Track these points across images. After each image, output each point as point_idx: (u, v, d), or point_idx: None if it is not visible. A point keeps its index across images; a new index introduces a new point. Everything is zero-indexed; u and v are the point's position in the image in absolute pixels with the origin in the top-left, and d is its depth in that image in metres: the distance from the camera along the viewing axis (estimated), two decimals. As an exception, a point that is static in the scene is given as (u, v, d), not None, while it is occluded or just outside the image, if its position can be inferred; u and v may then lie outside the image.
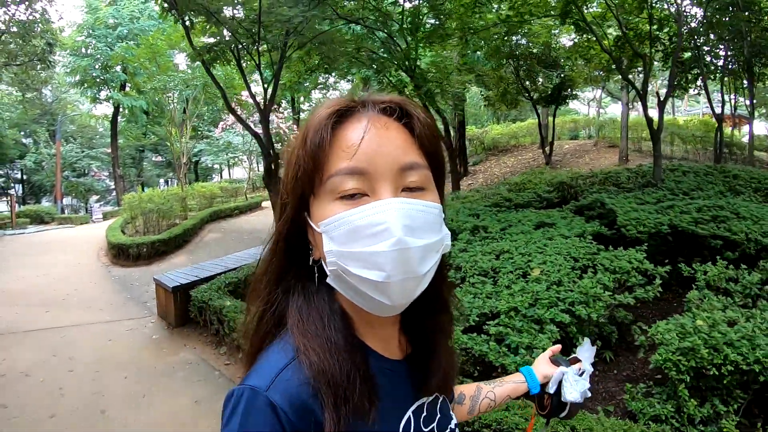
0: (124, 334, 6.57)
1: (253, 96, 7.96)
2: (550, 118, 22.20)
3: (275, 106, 22.41)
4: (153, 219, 15.31)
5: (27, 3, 12.11)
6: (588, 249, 4.93)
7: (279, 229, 0.78)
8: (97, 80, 23.80)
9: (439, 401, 0.89)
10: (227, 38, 7.26)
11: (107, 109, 28.47)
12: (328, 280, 0.73)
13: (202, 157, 32.11)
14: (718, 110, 12.33)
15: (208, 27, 7.22)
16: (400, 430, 0.77)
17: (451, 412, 0.93)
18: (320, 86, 18.23)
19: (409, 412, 0.80)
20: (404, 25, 10.44)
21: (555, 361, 1.16)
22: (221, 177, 41.03)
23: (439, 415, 0.87)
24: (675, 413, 3.08)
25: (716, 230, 5.11)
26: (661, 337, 3.36)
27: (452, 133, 17.15)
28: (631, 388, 3.38)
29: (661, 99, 9.06)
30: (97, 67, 23.12)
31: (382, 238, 0.66)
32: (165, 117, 19.74)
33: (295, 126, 26.29)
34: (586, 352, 1.18)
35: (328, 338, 0.72)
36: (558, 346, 1.22)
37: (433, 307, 0.86)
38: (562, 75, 16.12)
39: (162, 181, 38.31)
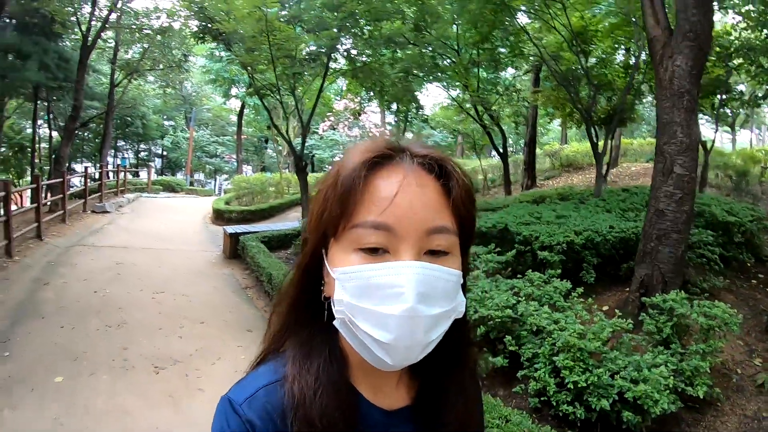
0: (197, 256, 10.31)
1: (300, 118, 11.38)
2: (623, 139, 23.22)
3: (365, 111, 25.90)
4: (251, 196, 19.63)
5: (165, 31, 16.74)
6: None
7: (298, 262, 0.78)
8: (227, 80, 28.68)
9: None
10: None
11: (237, 103, 33.87)
12: (334, 323, 0.71)
13: (314, 151, 36.77)
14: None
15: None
16: None
17: None
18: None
19: None
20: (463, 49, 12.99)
21: None
22: (330, 168, 45.21)
23: None
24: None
25: (522, 230, 6.56)
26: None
27: (508, 145, 19.12)
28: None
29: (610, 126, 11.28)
30: (226, 69, 27.97)
31: (394, 302, 0.65)
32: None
33: (386, 130, 29.67)
34: None
35: (318, 377, 0.72)
36: None
37: (449, 361, 0.81)
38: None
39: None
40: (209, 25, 10.00)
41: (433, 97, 48.57)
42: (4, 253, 8.31)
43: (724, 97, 13.41)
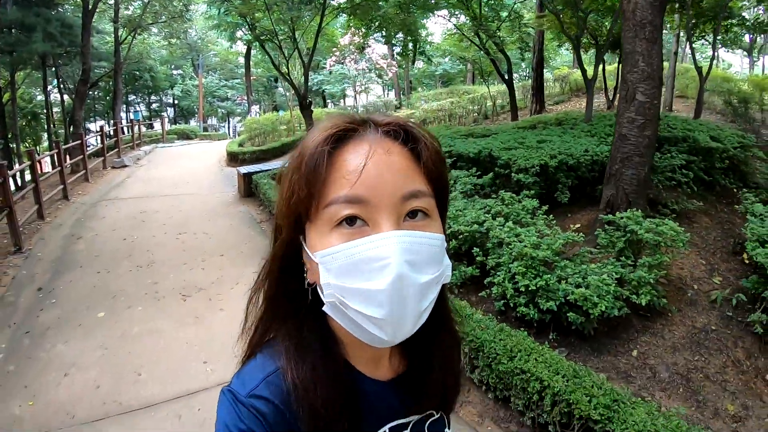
0: (214, 198, 11.06)
1: (301, 58, 11.71)
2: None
3: (370, 45, 25.80)
4: (263, 136, 20.23)
5: None
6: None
7: (274, 251, 0.77)
8: (231, 24, 28.57)
9: (432, 419, 0.88)
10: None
11: (244, 46, 33.79)
12: (324, 308, 0.70)
13: (323, 86, 36.82)
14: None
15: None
16: None
17: (447, 430, 0.92)
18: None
19: (386, 428, 0.81)
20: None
21: None
22: (344, 102, 45.21)
23: None
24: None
25: (503, 155, 7.07)
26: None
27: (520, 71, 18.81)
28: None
29: (601, 51, 11.37)
30: (233, 13, 27.82)
31: (382, 275, 0.64)
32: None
33: (393, 62, 29.52)
34: None
35: (314, 367, 0.73)
36: None
37: (433, 326, 0.83)
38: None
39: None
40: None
41: (441, 24, 47.75)
42: (36, 216, 9.03)
43: (733, 22, 13.19)
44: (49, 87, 21.33)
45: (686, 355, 4.46)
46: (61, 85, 21.66)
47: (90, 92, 21.71)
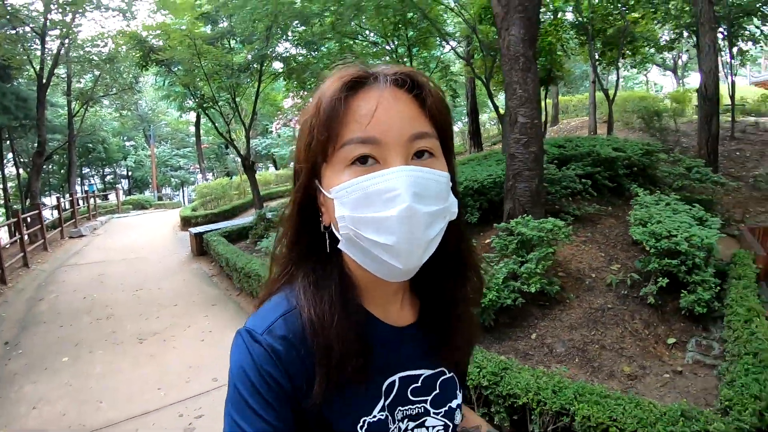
0: (168, 259, 11.61)
1: (242, 122, 12.69)
2: (561, 97, 24.94)
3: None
4: (215, 201, 20.90)
5: (112, 59, 17.79)
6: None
7: (293, 196, 0.82)
8: (180, 94, 29.53)
9: (443, 377, 0.90)
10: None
11: (194, 114, 34.71)
12: (340, 245, 0.77)
13: (271, 149, 37.82)
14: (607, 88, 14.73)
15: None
16: (382, 392, 0.82)
17: (458, 392, 0.94)
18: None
19: (395, 377, 0.84)
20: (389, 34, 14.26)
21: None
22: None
23: (437, 391, 0.89)
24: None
25: None
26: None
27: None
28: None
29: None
30: (177, 83, 28.85)
31: (392, 205, 0.70)
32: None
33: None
34: None
35: (332, 305, 0.77)
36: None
37: (454, 271, 0.88)
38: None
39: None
40: (150, 55, 11.30)
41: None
42: (-2, 282, 9.42)
43: (637, 44, 14.65)
44: (4, 161, 21.62)
45: (583, 332, 4.97)
46: (17, 158, 21.99)
47: (44, 165, 22.11)
